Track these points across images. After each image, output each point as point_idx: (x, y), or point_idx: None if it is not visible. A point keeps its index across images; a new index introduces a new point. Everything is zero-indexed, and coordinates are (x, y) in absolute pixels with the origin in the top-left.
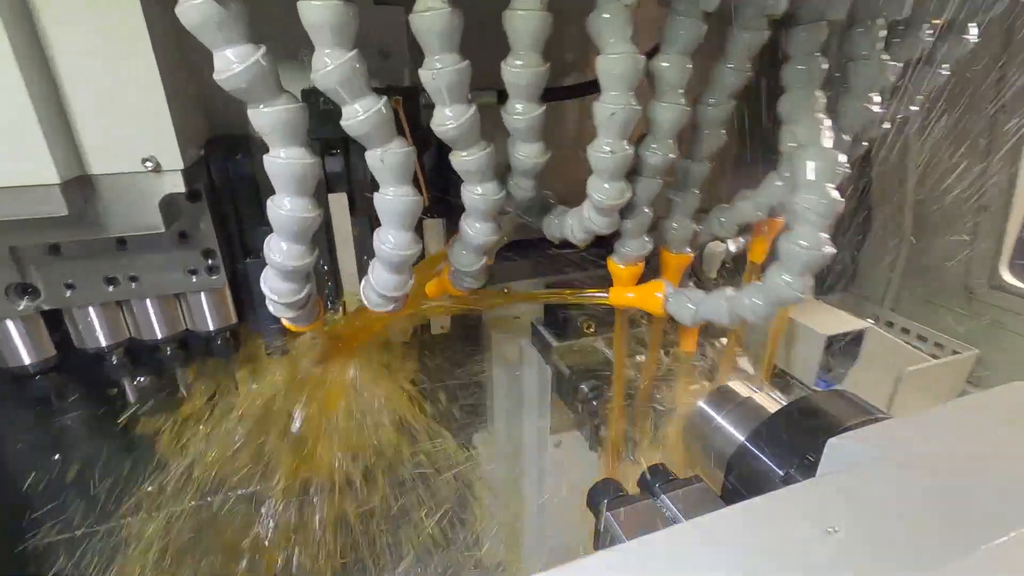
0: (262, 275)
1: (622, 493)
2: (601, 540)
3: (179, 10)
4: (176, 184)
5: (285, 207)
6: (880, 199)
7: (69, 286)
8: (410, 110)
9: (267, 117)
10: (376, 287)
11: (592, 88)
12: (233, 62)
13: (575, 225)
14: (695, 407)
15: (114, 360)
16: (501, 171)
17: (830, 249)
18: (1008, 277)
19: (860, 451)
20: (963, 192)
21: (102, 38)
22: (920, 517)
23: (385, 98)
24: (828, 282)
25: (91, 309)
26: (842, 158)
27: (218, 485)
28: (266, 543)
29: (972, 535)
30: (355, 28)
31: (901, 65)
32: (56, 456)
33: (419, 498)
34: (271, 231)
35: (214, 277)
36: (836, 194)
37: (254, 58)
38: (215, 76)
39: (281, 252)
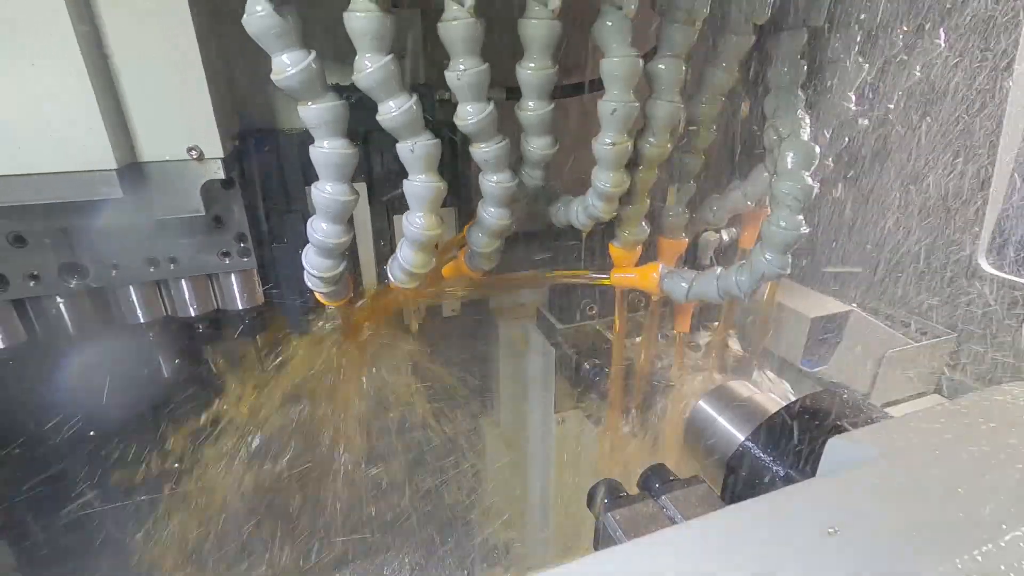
0: (303, 252)
1: (622, 493)
2: (601, 540)
3: (245, 20)
4: (216, 171)
5: (327, 191)
6: (866, 189)
7: (114, 266)
8: (424, 106)
9: (315, 112)
10: (404, 264)
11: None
12: (288, 65)
13: (580, 211)
14: (695, 406)
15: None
16: (514, 162)
17: (805, 229)
18: (985, 265)
19: (860, 451)
20: (943, 180)
21: (157, 41)
22: (920, 517)
23: (416, 96)
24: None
25: (131, 288)
26: (817, 149)
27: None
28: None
29: (972, 535)
30: (392, 35)
31: (874, 66)
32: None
33: (427, 475)
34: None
35: (245, 259)
36: (811, 180)
37: (306, 62)
38: (272, 76)
39: (322, 231)
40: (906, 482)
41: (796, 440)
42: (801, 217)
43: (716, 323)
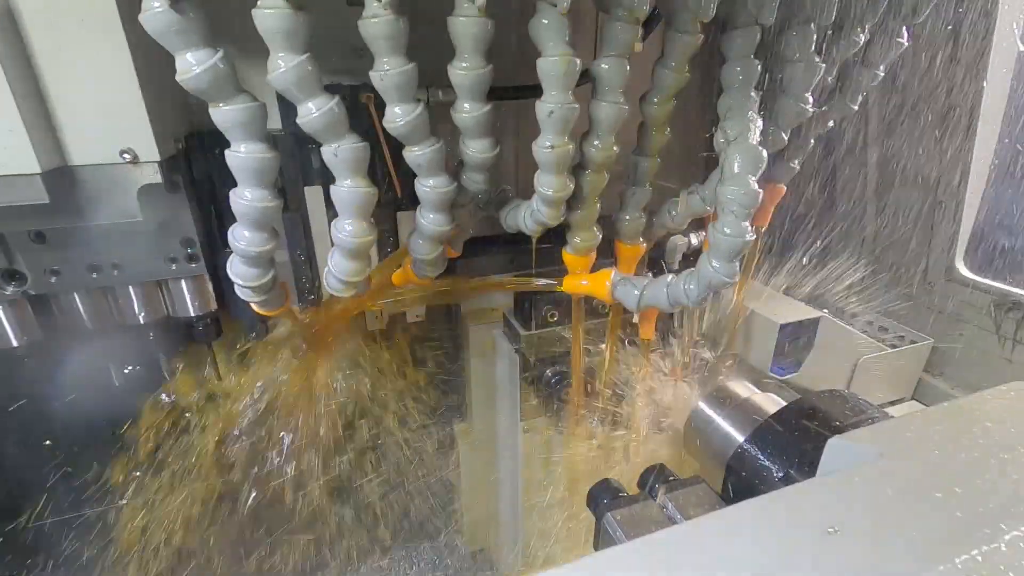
0: (228, 261)
1: (622, 493)
2: (601, 540)
3: (142, 18)
4: (153, 175)
5: (246, 197)
6: (843, 194)
7: (54, 272)
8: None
9: (226, 115)
10: (336, 273)
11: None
12: (193, 65)
13: (527, 216)
14: (695, 407)
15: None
16: (457, 166)
17: (751, 236)
18: (963, 269)
19: (860, 451)
20: (919, 186)
21: (82, 39)
22: (920, 517)
23: (337, 97)
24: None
25: (75, 294)
26: (764, 153)
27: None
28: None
29: (972, 535)
30: (307, 33)
31: (832, 66)
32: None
33: (399, 482)
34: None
35: (193, 265)
36: (756, 186)
37: (212, 61)
38: (177, 78)
39: (244, 239)
40: (906, 482)
41: (796, 440)
42: (747, 224)
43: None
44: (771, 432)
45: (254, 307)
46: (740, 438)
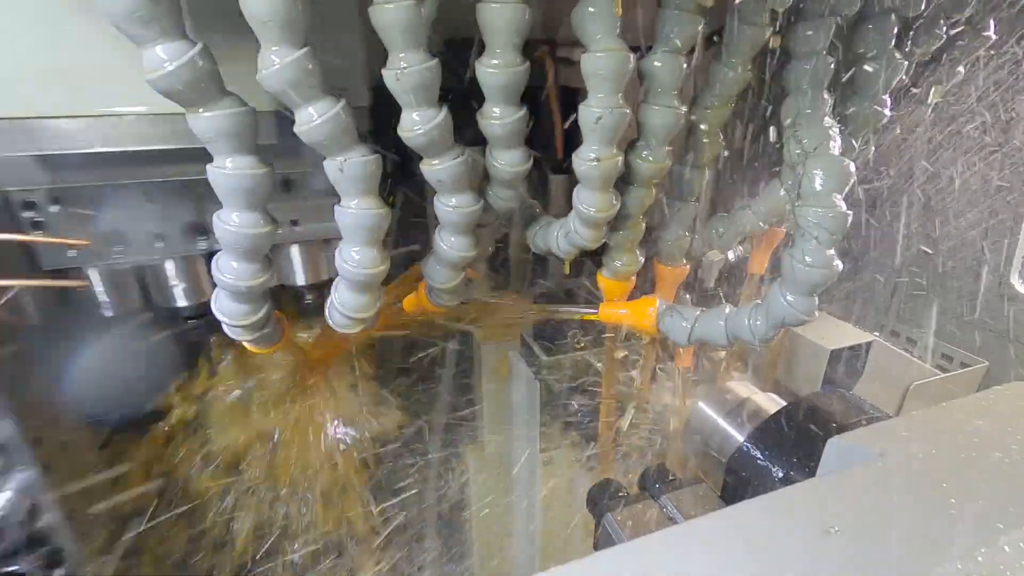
0: (213, 296)
1: (622, 493)
2: (601, 540)
3: (97, 3)
4: None
5: (233, 223)
6: (886, 203)
7: (294, 223)
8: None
9: (207, 123)
10: (341, 308)
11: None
12: (164, 61)
13: (560, 237)
14: (695, 407)
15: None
16: (479, 179)
17: (838, 267)
18: (1019, 286)
19: (860, 451)
20: (973, 197)
21: None
22: (920, 517)
23: (343, 100)
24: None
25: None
26: (851, 167)
27: None
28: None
29: (972, 535)
30: (306, 22)
31: (911, 63)
32: None
33: (406, 513)
34: None
35: None
36: (844, 206)
37: (188, 56)
38: (145, 77)
39: (232, 272)
40: (906, 482)
41: (796, 440)
42: (832, 252)
43: (722, 352)
44: (771, 432)
45: (246, 345)
46: (740, 438)
